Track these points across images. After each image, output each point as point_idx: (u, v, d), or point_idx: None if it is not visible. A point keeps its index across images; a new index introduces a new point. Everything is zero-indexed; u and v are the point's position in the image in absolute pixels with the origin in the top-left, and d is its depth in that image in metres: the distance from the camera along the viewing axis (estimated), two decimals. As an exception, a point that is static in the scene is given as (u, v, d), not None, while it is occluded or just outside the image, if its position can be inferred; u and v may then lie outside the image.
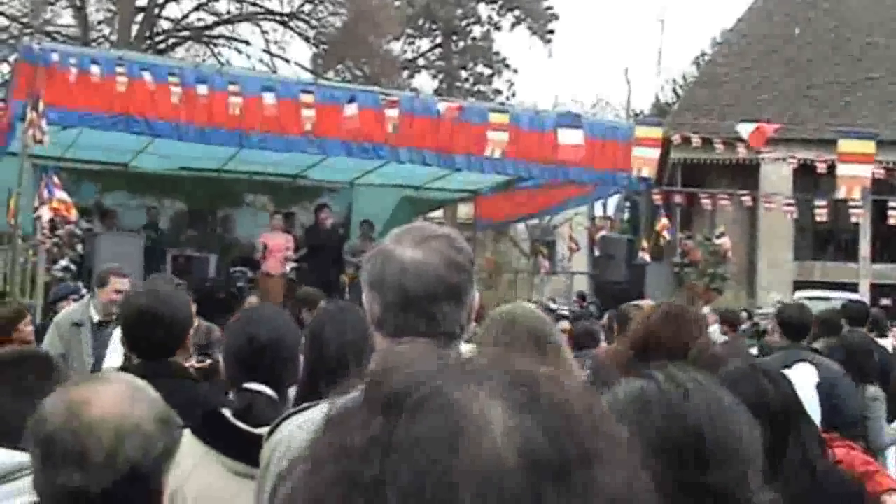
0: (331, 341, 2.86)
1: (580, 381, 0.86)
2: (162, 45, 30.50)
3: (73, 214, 11.41)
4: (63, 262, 11.28)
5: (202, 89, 11.38)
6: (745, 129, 12.22)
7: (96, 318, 6.06)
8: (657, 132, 12.40)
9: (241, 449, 2.48)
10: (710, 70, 30.00)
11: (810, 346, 6.07)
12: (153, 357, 3.15)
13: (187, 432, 2.52)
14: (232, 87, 11.46)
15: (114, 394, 1.64)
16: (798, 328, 6.09)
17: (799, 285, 23.20)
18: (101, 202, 14.99)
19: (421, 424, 0.74)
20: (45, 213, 11.00)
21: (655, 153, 11.94)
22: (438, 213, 24.81)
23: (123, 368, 4.14)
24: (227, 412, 2.62)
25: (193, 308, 5.53)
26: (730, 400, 1.51)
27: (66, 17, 30.92)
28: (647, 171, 12.11)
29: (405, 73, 37.02)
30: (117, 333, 5.24)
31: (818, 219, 14.47)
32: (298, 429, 1.98)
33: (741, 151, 14.56)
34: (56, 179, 11.15)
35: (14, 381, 2.15)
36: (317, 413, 1.95)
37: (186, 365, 4.37)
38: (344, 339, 2.85)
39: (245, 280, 14.18)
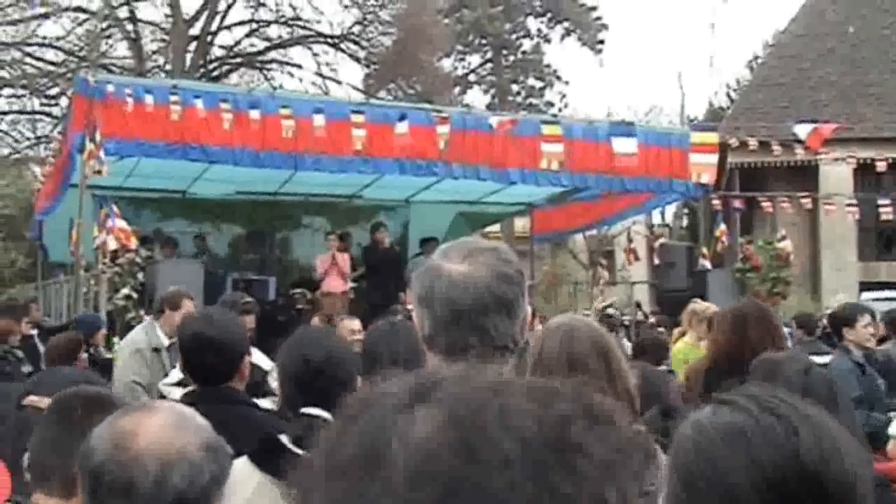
0: (383, 358, 2.83)
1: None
2: (215, 73, 30.98)
3: (133, 243, 11.57)
4: (125, 291, 11.43)
5: (254, 114, 11.49)
6: (802, 131, 12.01)
7: (166, 341, 6.10)
8: (713, 137, 12.24)
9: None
10: (765, 72, 29.60)
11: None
12: (209, 382, 3.15)
13: (244, 459, 2.50)
14: (283, 111, 11.54)
15: (159, 423, 1.62)
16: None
17: (865, 286, 22.70)
18: (161, 230, 15.22)
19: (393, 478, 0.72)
20: (111, 243, 11.17)
21: (713, 158, 11.79)
22: (495, 228, 24.79)
23: (181, 383, 4.17)
24: (284, 438, 2.60)
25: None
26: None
27: (122, 49, 31.61)
28: (707, 178, 11.95)
29: (457, 90, 37.15)
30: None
31: (882, 218, 14.15)
32: None
33: (799, 153, 14.32)
34: (115, 209, 11.33)
35: (70, 419, 2.15)
36: None
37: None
38: (397, 356, 2.82)
39: (305, 301, 14.28)
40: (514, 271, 1.89)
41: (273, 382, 4.36)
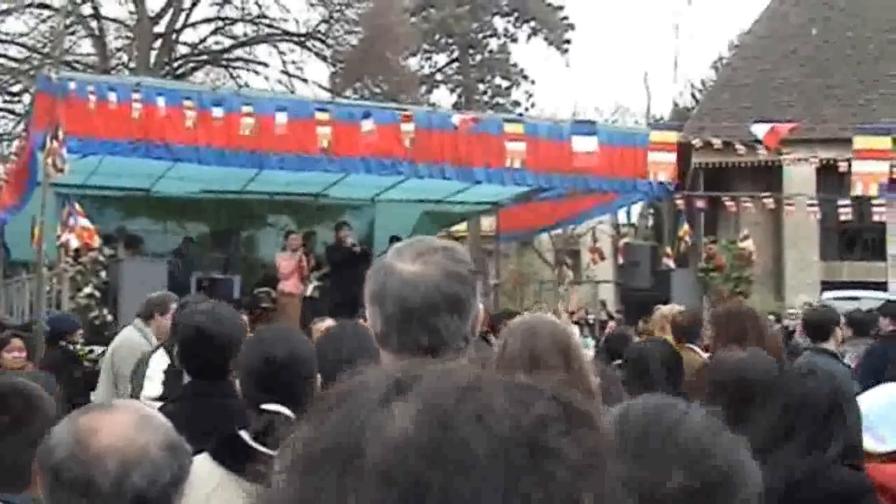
0: (330, 360, 2.85)
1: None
2: (181, 71, 30.75)
3: (96, 241, 11.47)
4: (87, 290, 11.34)
5: (217, 112, 11.42)
6: (760, 130, 12.16)
7: (155, 344, 6.06)
8: (672, 136, 12.35)
9: (259, 472, 2.44)
10: (729, 73, 29.87)
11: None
12: (207, 377, 3.15)
13: (204, 455, 2.51)
14: (246, 109, 11.49)
15: (121, 422, 1.63)
16: (819, 329, 6.08)
17: (827, 286, 22.98)
18: (125, 228, 15.09)
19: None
20: (73, 241, 11.08)
21: (672, 157, 11.88)
22: (461, 227, 24.83)
23: (163, 397, 4.14)
24: (245, 434, 2.60)
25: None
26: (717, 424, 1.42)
27: (86, 47, 31.29)
28: (665, 176, 12.04)
29: (423, 89, 37.11)
30: (156, 358, 5.27)
31: (842, 218, 14.33)
32: None
33: (762, 153, 14.49)
34: (78, 207, 11.23)
35: None
36: None
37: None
38: (342, 358, 2.84)
39: (269, 300, 14.22)
40: (465, 271, 1.91)
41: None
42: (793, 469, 2.48)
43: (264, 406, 2.69)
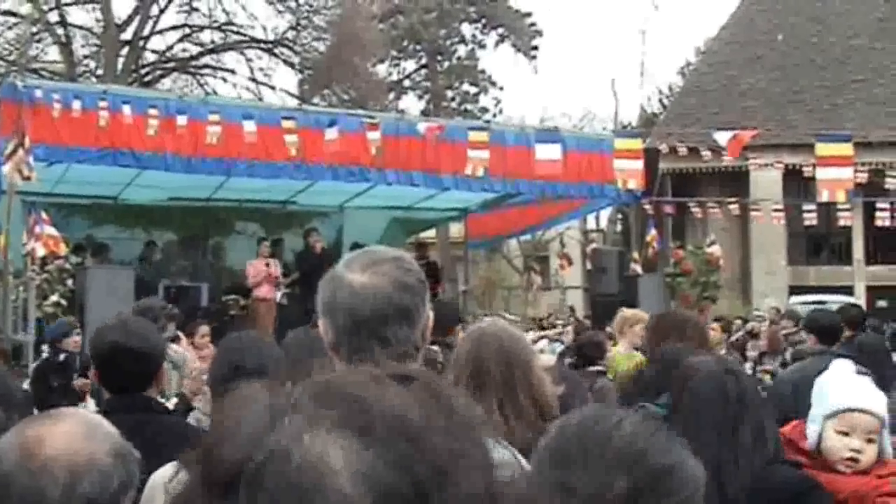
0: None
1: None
2: (148, 78, 30.53)
3: (63, 249, 11.39)
4: (53, 298, 11.24)
5: (182, 120, 11.40)
6: (722, 138, 12.28)
7: None
8: (636, 143, 12.45)
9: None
10: (696, 79, 30.11)
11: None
12: (125, 391, 3.12)
13: (170, 467, 2.51)
14: (212, 117, 11.47)
15: (68, 430, 1.63)
16: (830, 333, 6.13)
17: (794, 290, 23.19)
18: (93, 236, 14.98)
19: (259, 500, 0.73)
20: (39, 249, 10.98)
21: (638, 165, 11.98)
22: (430, 234, 24.85)
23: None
24: None
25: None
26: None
27: (53, 54, 30.97)
28: (634, 183, 12.13)
29: (391, 95, 37.10)
30: None
31: (807, 223, 14.49)
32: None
33: (727, 159, 14.59)
34: (44, 215, 11.15)
35: None
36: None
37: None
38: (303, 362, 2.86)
39: (238, 307, 14.18)
40: (414, 280, 1.95)
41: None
42: (739, 469, 2.51)
43: None
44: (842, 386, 3.19)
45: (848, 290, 22.69)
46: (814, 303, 16.38)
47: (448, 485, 0.74)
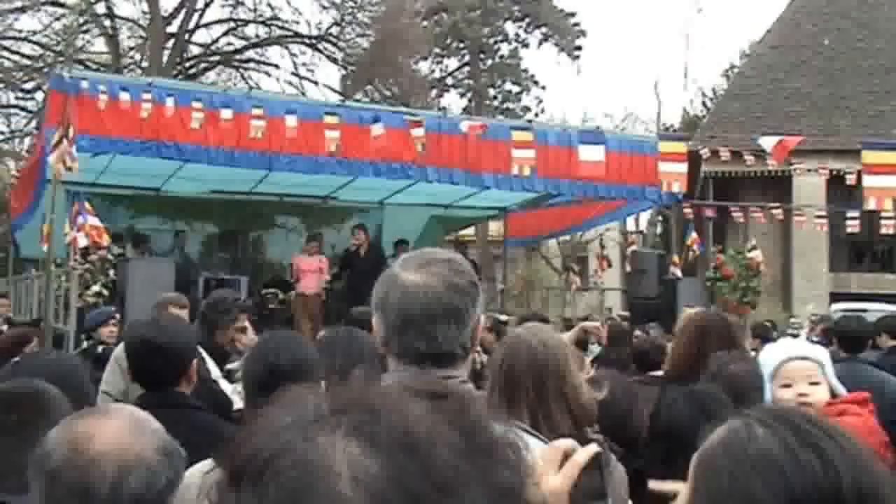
0: (332, 365, 2.85)
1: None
2: (192, 71, 30.80)
3: (105, 240, 11.50)
4: (95, 288, 11.37)
5: (227, 113, 11.46)
6: (768, 143, 12.12)
7: None
8: (681, 147, 12.34)
9: None
10: (740, 82, 29.79)
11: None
12: (156, 386, 3.14)
13: (208, 463, 2.51)
14: (256, 111, 11.52)
15: (116, 427, 1.64)
16: (855, 340, 6.04)
17: (835, 297, 22.88)
18: (133, 227, 15.14)
19: (266, 491, 0.77)
20: (81, 240, 11.10)
21: (683, 167, 11.87)
22: (469, 231, 24.83)
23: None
24: None
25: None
26: (872, 460, 1.32)
27: (99, 45, 31.35)
28: (678, 186, 12.02)
29: (433, 93, 37.11)
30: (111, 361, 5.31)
31: (850, 230, 14.28)
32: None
33: (771, 164, 14.42)
34: (87, 205, 11.26)
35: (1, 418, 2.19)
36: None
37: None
38: (333, 364, 2.84)
39: (277, 301, 14.25)
40: (465, 282, 1.99)
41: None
42: None
43: None
44: (774, 348, 3.42)
45: (891, 299, 22.34)
46: (855, 310, 16.16)
47: (447, 502, 0.76)
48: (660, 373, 6.05)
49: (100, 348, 7.70)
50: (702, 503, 1.34)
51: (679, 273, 14.16)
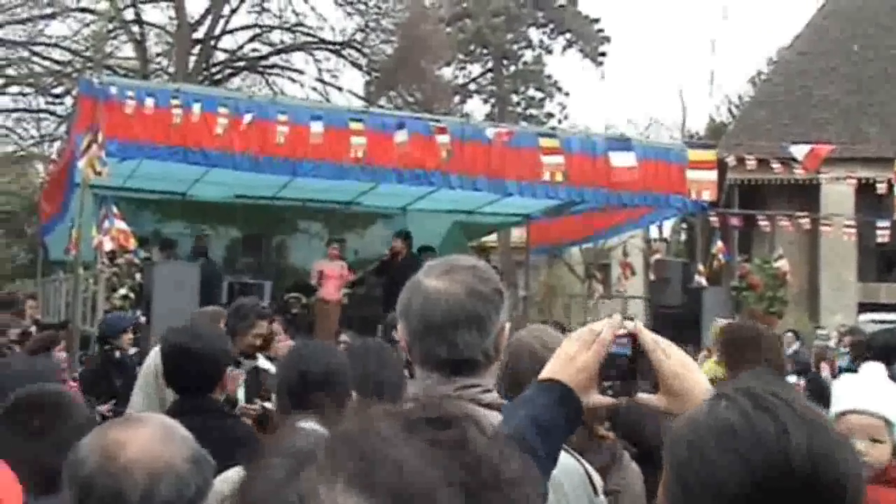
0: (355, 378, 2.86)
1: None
2: (218, 76, 31.02)
3: (132, 244, 11.59)
4: (122, 291, 11.45)
5: (252, 119, 11.52)
6: (799, 152, 12.05)
7: None
8: (710, 154, 12.30)
9: None
10: (767, 89, 29.64)
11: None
12: (190, 393, 3.16)
13: (237, 470, 2.52)
14: (281, 117, 11.57)
15: (147, 435, 1.65)
16: (883, 351, 5.95)
17: (864, 307, 22.67)
18: (160, 231, 15.24)
19: None
20: (108, 243, 11.19)
21: (712, 175, 11.82)
22: (492, 238, 24.80)
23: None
24: None
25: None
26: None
27: (127, 51, 31.65)
28: (708, 195, 11.96)
29: (456, 99, 37.16)
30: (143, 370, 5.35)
31: (879, 240, 14.14)
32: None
33: (799, 171, 14.32)
34: (115, 209, 11.35)
35: (24, 423, 2.22)
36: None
37: (238, 408, 4.39)
38: (366, 372, 2.85)
39: (299, 306, 14.29)
40: (489, 289, 1.99)
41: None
42: None
43: (300, 423, 2.68)
44: (841, 390, 3.14)
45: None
46: (884, 321, 16.01)
47: None
48: None
49: (117, 353, 7.77)
50: (669, 477, 1.37)
51: (704, 282, 14.04)
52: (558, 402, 1.65)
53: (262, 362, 6.01)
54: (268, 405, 4.81)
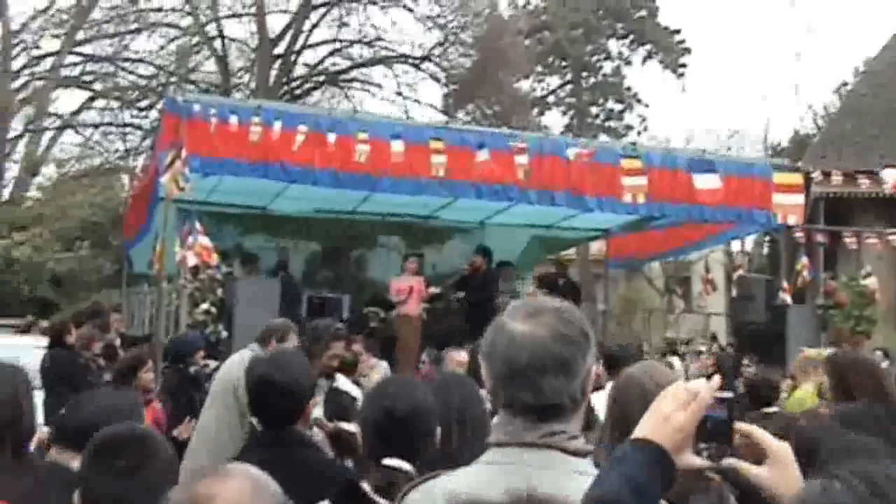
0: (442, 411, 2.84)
1: None
2: (298, 91, 31.46)
3: (215, 259, 11.76)
4: (204, 306, 11.63)
5: (332, 136, 11.62)
6: (890, 176, 11.68)
7: None
8: (797, 178, 12.00)
9: None
10: (854, 100, 28.88)
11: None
12: (275, 425, 3.17)
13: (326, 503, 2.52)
14: (361, 135, 11.64)
15: (237, 488, 1.65)
16: None
17: (956, 326, 21.89)
18: (241, 245, 15.46)
19: None
20: (191, 258, 11.37)
21: (799, 199, 11.54)
22: (570, 252, 24.62)
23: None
24: (366, 486, 2.59)
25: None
26: None
27: (209, 65, 32.31)
28: (794, 219, 11.69)
29: (535, 111, 37.07)
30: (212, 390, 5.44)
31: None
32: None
33: (888, 185, 13.93)
34: (199, 225, 11.53)
35: (110, 464, 2.24)
36: (434, 483, 2.02)
37: (314, 419, 4.40)
38: (450, 406, 2.83)
39: (378, 320, 14.35)
40: (575, 332, 1.96)
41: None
42: None
43: (385, 461, 2.68)
44: None
45: None
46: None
47: None
48: (774, 409, 5.86)
49: (192, 369, 7.92)
50: None
51: (789, 299, 13.72)
52: (653, 464, 1.62)
53: (342, 383, 6.04)
54: (344, 425, 4.81)
